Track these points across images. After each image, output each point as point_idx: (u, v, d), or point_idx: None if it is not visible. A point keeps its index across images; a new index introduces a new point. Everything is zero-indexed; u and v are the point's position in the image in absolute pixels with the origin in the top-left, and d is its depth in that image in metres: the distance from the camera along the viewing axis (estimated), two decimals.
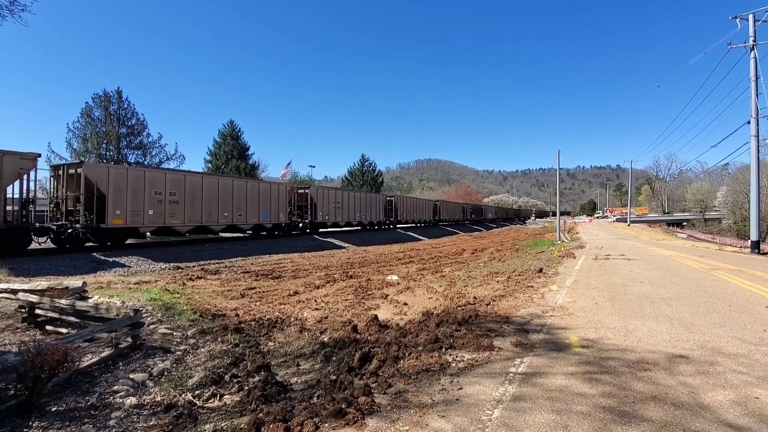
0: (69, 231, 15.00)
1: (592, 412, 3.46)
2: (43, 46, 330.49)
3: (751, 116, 21.00)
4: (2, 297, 7.56)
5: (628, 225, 69.01)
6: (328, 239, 26.20)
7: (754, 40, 21.12)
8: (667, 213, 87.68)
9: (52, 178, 15.96)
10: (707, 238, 49.83)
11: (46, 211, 16.08)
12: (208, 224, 19.34)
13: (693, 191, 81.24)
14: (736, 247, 29.65)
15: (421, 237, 35.73)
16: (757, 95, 20.78)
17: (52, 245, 15.22)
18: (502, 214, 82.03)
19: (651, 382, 4.11)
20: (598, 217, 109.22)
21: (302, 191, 27.06)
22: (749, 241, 22.33)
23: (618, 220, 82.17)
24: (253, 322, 7.14)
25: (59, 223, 15.14)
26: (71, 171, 15.37)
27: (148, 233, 17.98)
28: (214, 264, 15.47)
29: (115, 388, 4.49)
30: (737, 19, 21.71)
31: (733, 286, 9.83)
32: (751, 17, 21.29)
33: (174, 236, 19.57)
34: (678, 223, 75.69)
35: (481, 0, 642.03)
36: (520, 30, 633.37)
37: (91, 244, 15.78)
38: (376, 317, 6.96)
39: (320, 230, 28.51)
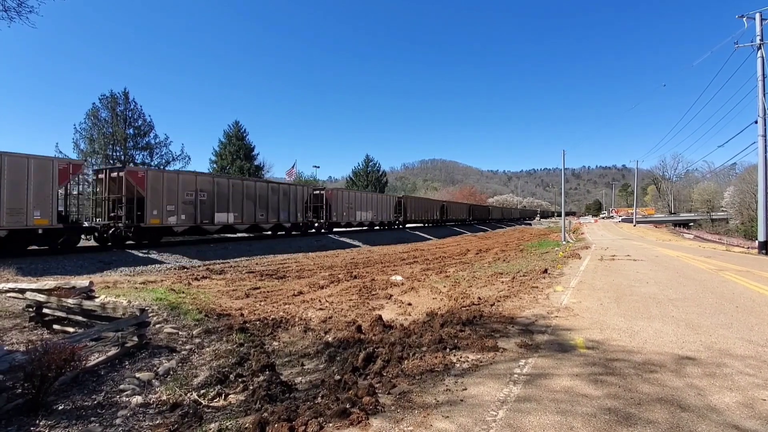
0: None
1: (597, 414, 3.44)
2: (50, 47, 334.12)
3: (758, 116, 20.81)
4: (10, 296, 7.64)
5: (634, 225, 68.61)
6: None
7: (761, 39, 20.93)
8: (674, 213, 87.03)
9: None
10: (714, 238, 49.42)
11: None
12: None
13: (700, 191, 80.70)
14: (743, 247, 29.39)
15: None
16: (764, 94, 20.59)
17: None
18: (498, 214, 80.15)
19: (657, 384, 4.08)
20: (603, 218, 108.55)
21: (116, 174, 16.32)
22: (757, 241, 22.11)
23: (624, 221, 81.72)
24: (257, 322, 7.16)
25: None
26: None
27: None
28: (219, 264, 15.55)
29: (122, 387, 4.53)
30: (744, 18, 21.55)
31: (741, 287, 9.73)
32: (757, 16, 21.10)
33: None
34: (684, 224, 75.08)
35: (487, 0, 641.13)
36: (525, 30, 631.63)
37: None
38: (380, 317, 6.96)
39: (164, 239, 18.41)
